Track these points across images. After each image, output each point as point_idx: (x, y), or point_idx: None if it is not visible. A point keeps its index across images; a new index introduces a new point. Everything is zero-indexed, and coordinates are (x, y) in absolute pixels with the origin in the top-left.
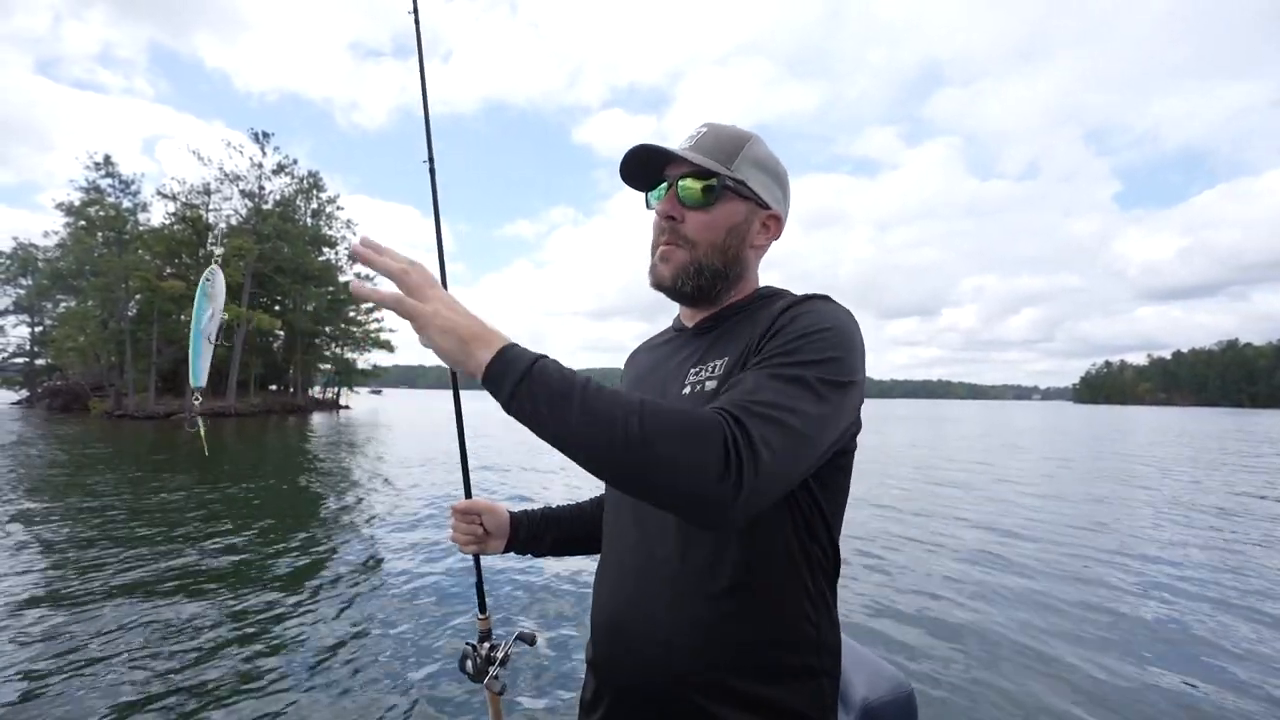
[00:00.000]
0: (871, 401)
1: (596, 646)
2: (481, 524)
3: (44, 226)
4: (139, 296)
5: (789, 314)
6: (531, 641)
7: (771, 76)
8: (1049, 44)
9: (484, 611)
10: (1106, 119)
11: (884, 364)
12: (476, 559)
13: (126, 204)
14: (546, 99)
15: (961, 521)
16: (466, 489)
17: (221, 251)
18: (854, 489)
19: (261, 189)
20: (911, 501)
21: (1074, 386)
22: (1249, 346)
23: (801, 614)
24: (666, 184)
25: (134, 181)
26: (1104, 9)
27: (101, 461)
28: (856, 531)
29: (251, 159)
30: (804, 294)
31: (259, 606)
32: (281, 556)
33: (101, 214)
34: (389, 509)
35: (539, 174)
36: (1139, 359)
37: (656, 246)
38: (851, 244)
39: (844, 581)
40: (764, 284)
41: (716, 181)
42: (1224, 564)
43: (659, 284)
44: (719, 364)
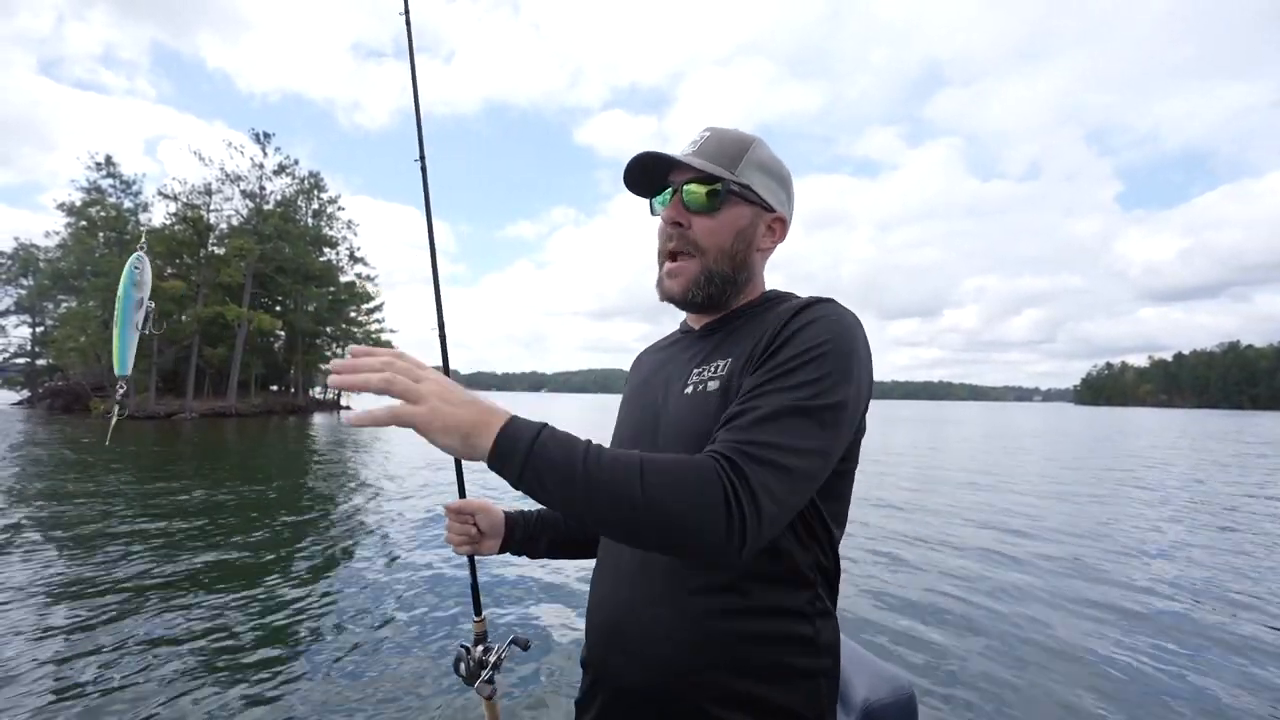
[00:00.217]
0: (873, 403)
1: (592, 647)
2: (475, 524)
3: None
4: None
5: (793, 324)
6: (526, 646)
7: (773, 77)
8: (1050, 44)
9: (479, 614)
10: (1108, 119)
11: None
12: (471, 560)
13: (128, 204)
14: (548, 100)
15: (963, 522)
16: (460, 488)
17: (145, 239)
18: (855, 488)
19: (262, 189)
20: (913, 502)
21: (1075, 388)
22: (1250, 348)
23: (800, 615)
24: (671, 190)
25: (135, 182)
26: (1104, 9)
27: (101, 462)
28: (858, 532)
29: (252, 159)
30: (810, 298)
31: (253, 606)
32: (281, 554)
33: (102, 214)
34: (388, 508)
35: (540, 175)
36: (1140, 360)
37: (663, 253)
38: (853, 244)
39: (845, 582)
40: (769, 287)
41: (721, 186)
42: (1228, 565)
43: (669, 298)
44: (723, 364)
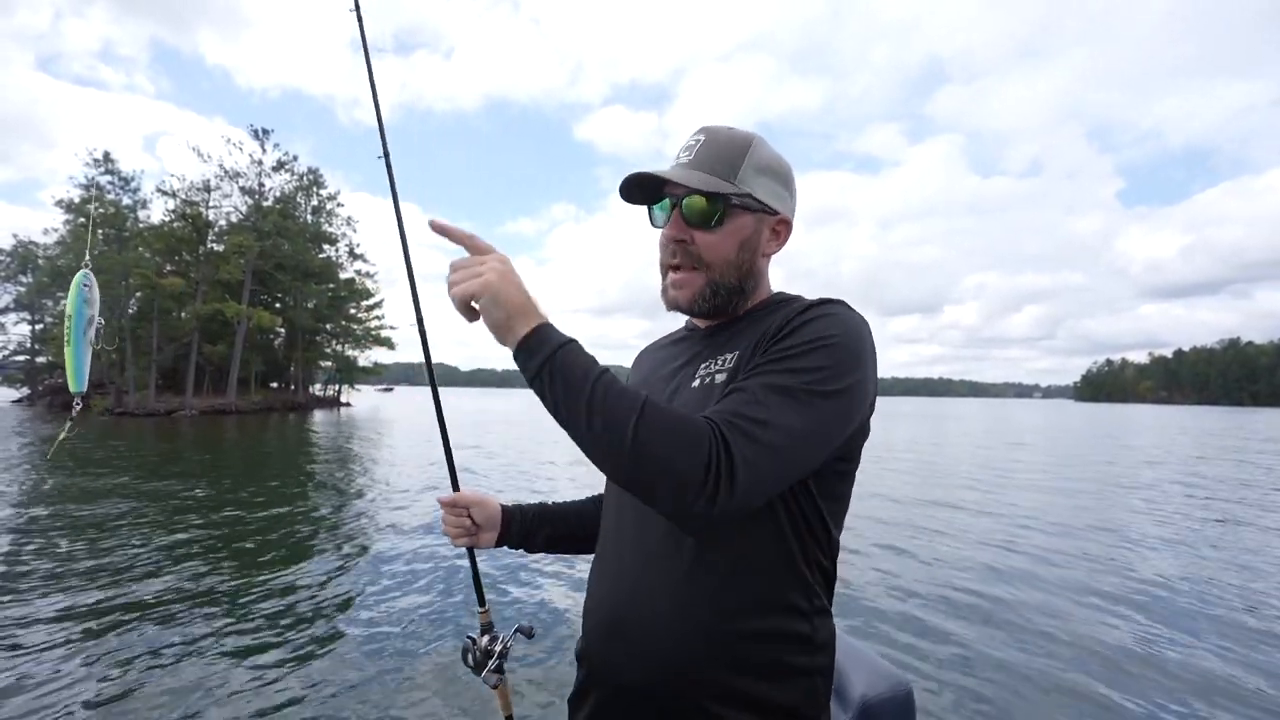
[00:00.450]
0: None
1: (590, 643)
2: (471, 517)
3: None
4: (139, 294)
5: (799, 319)
6: (530, 634)
7: (774, 73)
8: (1051, 42)
9: (483, 605)
10: (1109, 116)
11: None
12: (470, 553)
13: (126, 201)
14: (548, 96)
15: (962, 519)
16: (453, 482)
17: (90, 258)
18: (856, 485)
19: (261, 186)
20: (912, 498)
21: (1075, 385)
22: (1251, 345)
23: (799, 613)
24: (670, 202)
25: (134, 178)
26: (1106, 7)
27: (100, 460)
28: (857, 528)
29: (251, 156)
30: (819, 299)
31: (260, 601)
32: (286, 548)
33: (101, 211)
34: (392, 502)
35: (540, 171)
36: (1140, 357)
37: (666, 268)
38: (854, 241)
39: (844, 579)
40: (776, 289)
41: (723, 203)
42: (1233, 561)
43: (675, 308)
44: (729, 357)
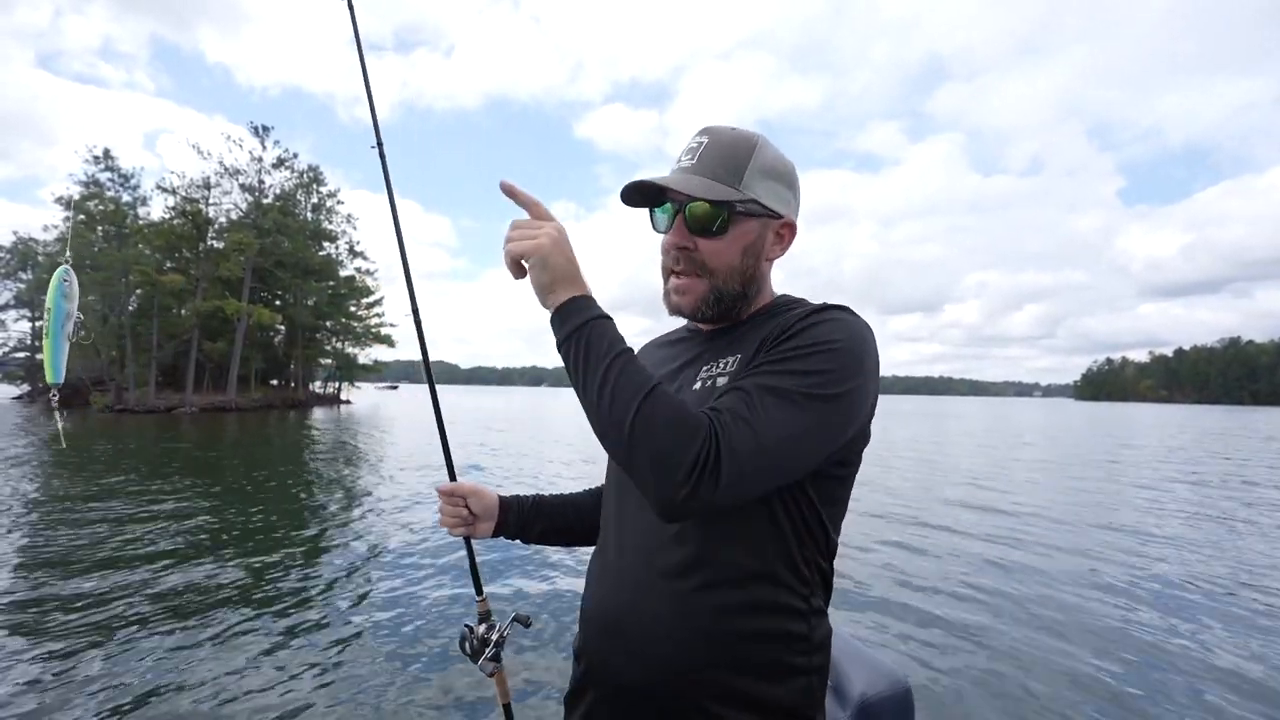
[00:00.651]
0: None
1: (588, 641)
2: (468, 506)
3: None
4: (139, 291)
5: (802, 323)
6: (527, 623)
7: (774, 71)
8: (1052, 40)
9: (480, 593)
10: (1110, 115)
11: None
12: (468, 542)
13: (126, 198)
14: (548, 94)
15: (962, 518)
16: (450, 472)
17: (70, 255)
18: (856, 483)
19: (261, 183)
20: (912, 497)
21: (1075, 384)
22: (1251, 344)
23: (797, 613)
24: (673, 207)
25: (134, 175)
26: (1106, 4)
27: (99, 459)
28: (858, 526)
29: (251, 153)
30: (822, 304)
31: (259, 592)
32: (286, 541)
33: (101, 208)
34: (392, 494)
35: (541, 169)
36: (1141, 356)
37: (668, 272)
38: (855, 240)
39: (844, 575)
40: (778, 290)
41: (727, 209)
42: (1235, 558)
43: (677, 313)
44: (731, 360)
